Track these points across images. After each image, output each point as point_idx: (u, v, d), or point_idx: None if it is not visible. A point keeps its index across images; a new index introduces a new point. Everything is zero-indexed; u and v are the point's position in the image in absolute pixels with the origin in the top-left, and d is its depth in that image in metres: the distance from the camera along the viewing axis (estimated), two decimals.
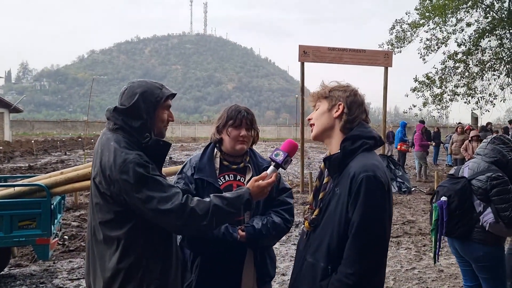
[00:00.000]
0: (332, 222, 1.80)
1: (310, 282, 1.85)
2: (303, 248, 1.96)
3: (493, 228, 3.14)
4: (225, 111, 2.49)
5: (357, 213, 1.71)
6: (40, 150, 23.66)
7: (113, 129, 2.06)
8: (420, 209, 9.18)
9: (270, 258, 2.54)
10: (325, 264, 1.79)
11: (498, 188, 3.12)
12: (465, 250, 3.30)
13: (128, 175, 1.89)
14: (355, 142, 1.84)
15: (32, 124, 51.22)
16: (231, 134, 2.42)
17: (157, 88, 2.10)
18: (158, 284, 2.03)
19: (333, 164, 1.87)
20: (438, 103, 18.16)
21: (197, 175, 2.39)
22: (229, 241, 2.28)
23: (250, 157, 2.54)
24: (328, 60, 11.39)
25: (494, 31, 17.38)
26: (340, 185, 1.81)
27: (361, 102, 1.93)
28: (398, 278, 5.08)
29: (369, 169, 1.74)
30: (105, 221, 2.00)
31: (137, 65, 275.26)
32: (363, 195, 1.71)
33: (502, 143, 3.32)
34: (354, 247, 1.71)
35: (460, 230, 3.26)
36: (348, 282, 1.70)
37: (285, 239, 6.70)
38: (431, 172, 14.46)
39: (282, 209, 2.47)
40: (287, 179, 12.14)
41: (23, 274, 5.08)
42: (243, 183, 2.44)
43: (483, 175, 3.19)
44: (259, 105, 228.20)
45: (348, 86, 1.96)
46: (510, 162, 3.24)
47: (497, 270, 3.20)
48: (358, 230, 1.71)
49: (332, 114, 1.91)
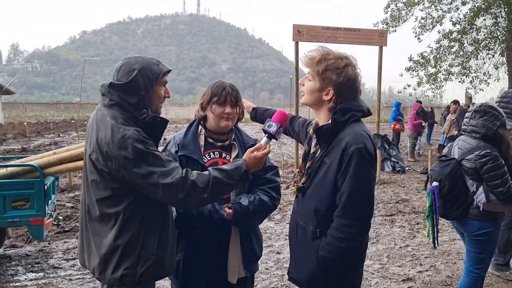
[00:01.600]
0: (321, 189, 1.94)
1: (302, 244, 2.04)
2: (297, 209, 2.14)
3: (487, 207, 3.08)
4: (209, 88, 2.44)
5: (347, 183, 1.84)
6: (33, 132, 23.51)
7: (109, 105, 2.04)
8: (414, 188, 9.25)
9: (256, 238, 2.53)
10: (314, 227, 1.96)
11: (488, 166, 3.02)
12: (462, 225, 3.28)
13: (127, 151, 1.87)
14: (345, 114, 1.92)
15: (25, 106, 50.85)
16: (216, 111, 2.37)
17: (154, 64, 2.08)
18: (155, 260, 2.03)
19: (324, 135, 1.96)
20: (433, 83, 18.13)
21: (181, 152, 2.35)
22: (215, 218, 2.26)
23: (235, 134, 2.51)
24: (323, 39, 11.28)
25: (489, 10, 17.24)
26: (329, 155, 1.92)
27: (352, 84, 1.95)
28: (392, 255, 5.13)
29: (359, 141, 1.85)
30: (102, 198, 1.99)
31: (129, 46, 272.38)
32: (353, 167, 1.83)
33: (484, 114, 3.14)
34: (345, 214, 1.86)
35: (455, 212, 3.21)
36: (338, 245, 1.86)
37: (280, 218, 6.74)
38: (425, 152, 14.55)
39: (268, 187, 2.45)
40: (282, 159, 12.16)
41: (18, 255, 5.09)
42: (229, 160, 2.42)
43: (472, 154, 3.10)
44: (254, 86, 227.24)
45: (345, 66, 1.93)
46: (496, 134, 3.09)
47: (486, 246, 3.17)
48: (348, 199, 1.84)
49: (322, 95, 1.97)
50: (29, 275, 4.51)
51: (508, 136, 3.16)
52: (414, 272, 4.63)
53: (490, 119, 3.12)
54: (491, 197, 3.08)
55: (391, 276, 4.52)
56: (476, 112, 3.20)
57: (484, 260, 3.21)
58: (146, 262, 2.01)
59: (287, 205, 7.57)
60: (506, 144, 3.10)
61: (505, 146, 3.10)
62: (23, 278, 4.43)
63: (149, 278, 2.06)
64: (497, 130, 3.10)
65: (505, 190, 3.00)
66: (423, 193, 8.77)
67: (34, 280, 4.38)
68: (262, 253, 2.59)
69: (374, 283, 4.34)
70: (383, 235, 5.91)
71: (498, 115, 3.13)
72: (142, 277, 2.01)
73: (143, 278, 2.02)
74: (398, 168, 11.27)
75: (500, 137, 3.10)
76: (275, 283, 4.32)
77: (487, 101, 3.45)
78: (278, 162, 11.91)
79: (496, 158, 3.03)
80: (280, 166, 11.58)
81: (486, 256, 3.20)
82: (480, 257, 3.20)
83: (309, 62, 1.99)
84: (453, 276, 4.51)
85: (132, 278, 1.99)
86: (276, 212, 7.11)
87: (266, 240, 5.64)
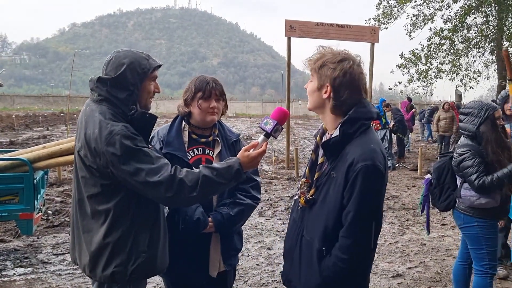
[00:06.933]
0: (328, 205, 1.81)
1: (307, 258, 1.90)
2: (299, 219, 1.98)
3: (465, 203, 3.27)
4: (192, 83, 2.42)
5: (353, 203, 1.71)
6: (22, 125, 23.21)
7: (98, 101, 2.01)
8: (404, 185, 9.31)
9: (237, 232, 2.56)
10: (319, 245, 1.82)
11: (464, 162, 3.18)
12: (454, 218, 3.47)
13: (115, 147, 1.85)
14: (354, 125, 1.79)
15: (13, 99, 50.10)
16: (202, 106, 2.36)
17: (144, 59, 2.04)
18: (146, 257, 2.02)
19: (332, 148, 1.83)
20: (423, 80, 18.23)
21: (166, 150, 2.34)
22: (201, 228, 2.29)
23: (218, 130, 2.51)
24: (315, 35, 11.30)
25: (480, 8, 17.36)
26: (336, 169, 1.79)
27: (351, 82, 1.79)
28: (381, 251, 5.17)
29: (368, 157, 1.72)
30: (91, 194, 1.96)
31: (120, 39, 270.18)
32: (359, 186, 1.70)
33: (466, 115, 3.29)
34: (349, 235, 1.74)
35: (442, 204, 3.45)
36: (342, 266, 1.75)
37: (271, 213, 6.75)
38: (415, 149, 14.65)
39: (250, 186, 2.48)
40: (273, 155, 12.16)
41: (7, 249, 5.03)
42: (212, 157, 2.43)
43: (455, 152, 3.30)
44: (244, 81, 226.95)
45: (341, 61, 1.80)
46: (477, 133, 3.20)
47: (479, 242, 3.23)
48: (353, 220, 1.72)
49: (321, 94, 1.85)
50: (18, 270, 4.46)
51: (489, 132, 3.17)
52: (404, 268, 4.67)
53: (470, 119, 3.25)
54: (462, 193, 3.27)
55: (381, 272, 4.55)
56: (461, 114, 3.37)
57: (484, 257, 3.24)
58: (137, 259, 1.99)
59: (278, 200, 7.58)
60: (485, 141, 3.18)
61: (484, 142, 3.18)
62: (11, 273, 4.39)
63: (140, 275, 2.04)
64: (478, 128, 3.19)
65: (477, 184, 3.11)
66: (413, 189, 8.85)
67: (23, 275, 4.34)
68: (242, 245, 2.61)
69: None
70: None
71: (479, 113, 3.20)
72: (133, 274, 1.99)
73: (134, 275, 2.00)
74: (389, 165, 11.31)
75: (480, 134, 3.19)
76: (265, 278, 4.33)
77: (474, 99, 3.54)
78: (269, 157, 11.91)
79: (472, 155, 3.17)
80: (271, 161, 11.59)
81: (485, 253, 3.23)
82: (479, 253, 3.26)
83: (309, 62, 1.91)
84: (442, 272, 4.55)
85: (123, 275, 1.97)
86: (267, 207, 7.12)
87: (257, 236, 5.65)
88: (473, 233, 3.26)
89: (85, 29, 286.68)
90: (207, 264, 2.40)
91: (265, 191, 8.35)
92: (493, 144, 3.14)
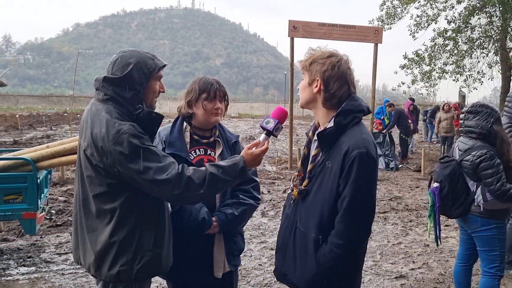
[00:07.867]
0: (323, 194, 1.89)
1: (301, 249, 1.96)
2: (291, 213, 2.05)
3: (487, 206, 3.15)
4: (195, 84, 2.43)
5: (349, 189, 1.80)
6: (25, 125, 23.28)
7: (104, 100, 2.01)
8: (407, 186, 9.29)
9: (239, 233, 2.58)
10: (316, 234, 1.89)
11: (483, 164, 3.08)
12: (465, 223, 3.34)
13: (123, 146, 1.86)
14: (347, 117, 1.89)
15: (17, 99, 50.25)
16: (207, 107, 2.38)
17: (150, 59, 2.06)
18: (151, 256, 2.02)
19: (327, 139, 1.91)
20: (427, 81, 18.18)
21: (168, 150, 2.34)
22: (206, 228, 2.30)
23: (219, 131, 2.54)
24: (318, 36, 11.28)
25: (484, 9, 17.30)
26: (331, 159, 1.88)
27: (340, 75, 1.90)
28: (384, 252, 5.15)
29: (362, 145, 1.82)
30: (97, 193, 1.97)
31: (123, 39, 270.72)
32: (355, 172, 1.79)
33: (477, 114, 3.21)
34: (345, 220, 1.81)
35: (457, 211, 3.27)
36: (338, 252, 1.82)
37: (274, 214, 6.74)
38: (418, 150, 14.61)
39: (251, 186, 2.50)
40: (276, 155, 12.15)
41: (10, 249, 5.04)
42: (214, 157, 2.45)
43: (469, 155, 3.17)
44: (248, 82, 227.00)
45: (329, 56, 1.93)
46: (491, 130, 3.14)
47: (493, 244, 3.19)
48: (349, 205, 1.80)
49: (312, 89, 1.95)
50: (21, 269, 4.47)
51: (502, 131, 3.22)
52: (407, 269, 4.65)
53: (483, 117, 3.18)
54: (488, 196, 3.14)
55: (384, 273, 4.54)
56: (469, 113, 3.27)
57: (496, 259, 3.22)
58: (142, 258, 1.99)
59: (280, 201, 7.57)
60: (500, 139, 3.16)
61: (499, 141, 3.16)
62: (14, 272, 4.39)
63: (145, 274, 2.05)
64: (492, 126, 3.15)
65: (497, 188, 3.05)
66: (416, 190, 8.82)
67: (26, 275, 4.35)
68: (244, 244, 2.64)
69: (367, 280, 4.36)
70: (376, 232, 5.93)
71: (491, 112, 3.19)
72: (138, 274, 1.99)
73: (140, 275, 2.00)
74: (392, 166, 11.30)
75: (494, 132, 3.15)
76: (268, 279, 4.32)
77: (478, 100, 3.50)
78: (272, 158, 11.91)
79: (492, 157, 3.09)
80: (274, 162, 11.58)
81: (497, 255, 3.21)
82: (491, 255, 3.23)
83: (300, 62, 2.02)
84: (445, 273, 4.54)
85: (129, 274, 1.98)
86: (270, 208, 7.11)
87: (259, 236, 5.64)
88: (489, 234, 3.19)
89: (89, 29, 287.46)
90: (211, 265, 2.40)
91: (268, 191, 8.35)
92: (507, 142, 3.15)
